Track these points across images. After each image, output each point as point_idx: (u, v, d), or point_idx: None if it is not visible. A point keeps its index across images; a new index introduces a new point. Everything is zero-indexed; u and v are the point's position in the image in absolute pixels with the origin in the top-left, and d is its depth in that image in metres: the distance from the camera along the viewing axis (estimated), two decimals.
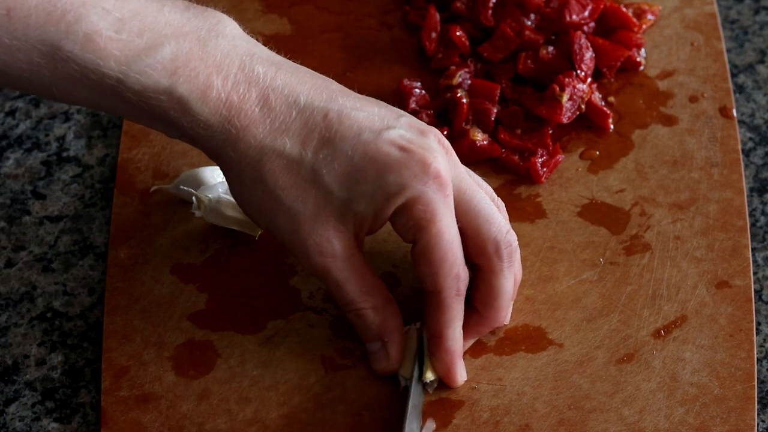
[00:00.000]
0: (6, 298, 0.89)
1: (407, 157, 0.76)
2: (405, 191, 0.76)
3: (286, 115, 0.76)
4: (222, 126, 0.76)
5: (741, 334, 0.83)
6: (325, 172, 0.76)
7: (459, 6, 0.99)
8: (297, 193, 0.76)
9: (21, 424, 0.83)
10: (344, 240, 0.77)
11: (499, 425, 0.80)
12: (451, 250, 0.77)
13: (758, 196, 0.92)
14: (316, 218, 0.76)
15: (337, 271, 0.77)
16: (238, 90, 0.76)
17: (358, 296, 0.79)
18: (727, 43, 1.00)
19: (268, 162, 0.76)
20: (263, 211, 0.78)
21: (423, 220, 0.76)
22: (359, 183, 0.76)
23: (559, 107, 0.93)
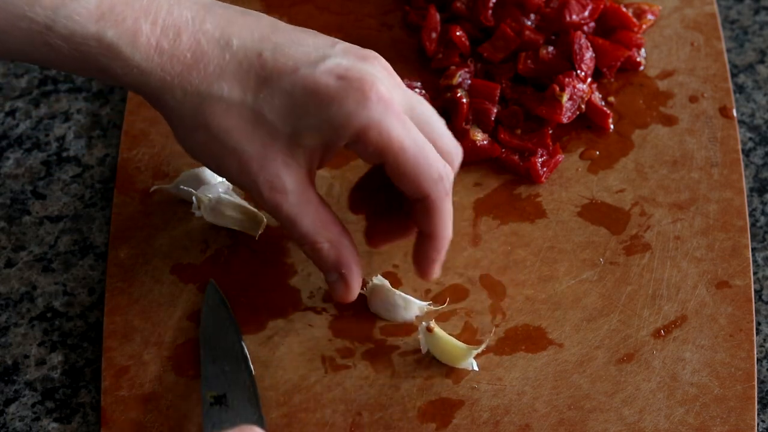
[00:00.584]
0: (6, 298, 0.89)
1: (346, 85, 0.75)
2: (352, 122, 0.75)
3: (219, 58, 0.76)
4: (156, 72, 0.75)
5: (741, 334, 0.83)
6: (267, 110, 0.75)
7: (459, 6, 0.99)
8: (241, 134, 0.76)
9: (21, 424, 0.83)
10: (295, 175, 0.76)
11: (499, 425, 0.80)
12: (423, 157, 0.76)
13: (758, 196, 0.92)
14: (264, 156, 0.76)
15: (290, 206, 0.77)
16: (167, 35, 0.75)
17: (312, 231, 0.78)
18: (727, 43, 1.00)
19: (208, 107, 0.76)
20: (209, 154, 0.77)
21: (380, 144, 0.75)
22: (303, 117, 0.75)
23: (559, 107, 0.93)
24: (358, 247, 0.87)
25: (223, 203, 0.87)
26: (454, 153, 0.80)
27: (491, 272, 0.87)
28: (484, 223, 0.89)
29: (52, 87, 0.99)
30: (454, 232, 0.89)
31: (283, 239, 0.89)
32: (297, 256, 0.88)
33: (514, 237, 0.89)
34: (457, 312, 0.85)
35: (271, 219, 0.89)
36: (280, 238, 0.89)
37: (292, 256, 0.88)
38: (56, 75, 1.00)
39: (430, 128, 0.78)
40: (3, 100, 0.99)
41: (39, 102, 0.99)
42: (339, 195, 0.91)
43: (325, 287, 0.86)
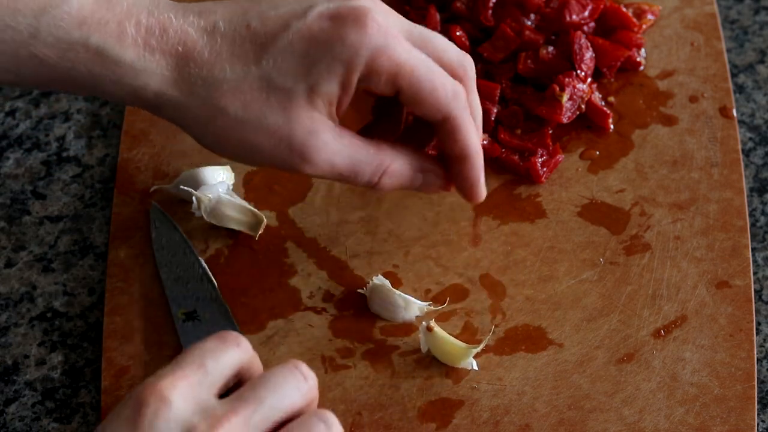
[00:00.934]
0: (6, 298, 0.89)
1: (341, 22, 0.75)
2: (359, 53, 0.74)
3: (211, 45, 0.75)
4: (151, 69, 0.74)
5: (741, 334, 0.83)
6: (275, 75, 0.75)
7: (459, 6, 0.99)
8: (260, 107, 0.75)
9: (21, 424, 0.83)
10: (326, 126, 0.76)
11: (499, 425, 0.80)
12: (435, 76, 0.77)
13: (758, 196, 0.92)
14: (291, 120, 0.75)
15: (343, 155, 0.76)
16: (153, 33, 0.75)
17: (377, 160, 0.78)
18: (727, 43, 1.00)
19: (216, 92, 0.75)
20: (236, 142, 0.76)
21: (392, 69, 0.75)
22: (312, 68, 0.75)
23: (559, 107, 0.93)
24: (359, 248, 0.87)
25: (223, 203, 0.87)
26: (463, 62, 0.80)
27: (491, 272, 0.87)
28: (484, 223, 0.89)
29: None
30: (455, 232, 0.89)
31: (283, 239, 0.89)
32: (297, 256, 0.88)
33: (514, 237, 0.89)
34: (457, 312, 0.85)
35: (271, 219, 0.89)
36: (280, 238, 0.89)
37: (292, 256, 0.88)
38: None
39: (432, 46, 0.78)
40: (3, 100, 0.99)
41: (39, 102, 0.99)
42: (339, 195, 0.91)
43: (325, 287, 0.86)
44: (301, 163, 0.76)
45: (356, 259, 0.88)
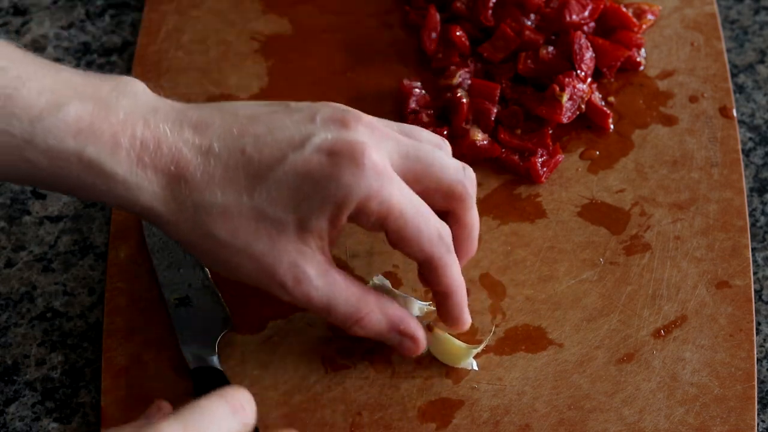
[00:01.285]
0: (6, 298, 0.89)
1: (338, 160, 0.74)
2: (351, 195, 0.74)
3: (204, 165, 0.74)
4: (143, 186, 0.74)
5: (741, 334, 0.83)
6: (267, 206, 0.74)
7: (459, 6, 0.99)
8: (248, 234, 0.75)
9: (21, 424, 0.83)
10: (313, 260, 0.75)
11: (499, 425, 0.80)
12: (422, 220, 0.76)
13: (758, 196, 0.92)
14: (277, 250, 0.75)
15: (320, 292, 0.76)
16: (147, 148, 0.74)
17: (353, 308, 0.77)
18: (727, 43, 1.00)
19: (206, 216, 0.75)
20: (221, 261, 0.76)
21: (381, 212, 0.75)
22: (304, 202, 0.74)
23: (559, 107, 0.93)
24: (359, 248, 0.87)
25: None
26: (463, 180, 0.79)
27: (491, 272, 0.87)
28: (484, 223, 0.89)
29: None
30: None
31: None
32: None
33: (514, 237, 0.89)
34: None
35: None
36: None
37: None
38: None
39: (428, 165, 0.78)
40: None
41: None
42: None
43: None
44: (279, 291, 0.76)
45: (356, 259, 0.88)
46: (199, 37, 1.01)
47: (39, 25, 1.03)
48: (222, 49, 1.00)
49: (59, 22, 1.04)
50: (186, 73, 0.98)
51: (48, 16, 1.04)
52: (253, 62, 0.99)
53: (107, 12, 1.04)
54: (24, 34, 1.03)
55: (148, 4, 1.03)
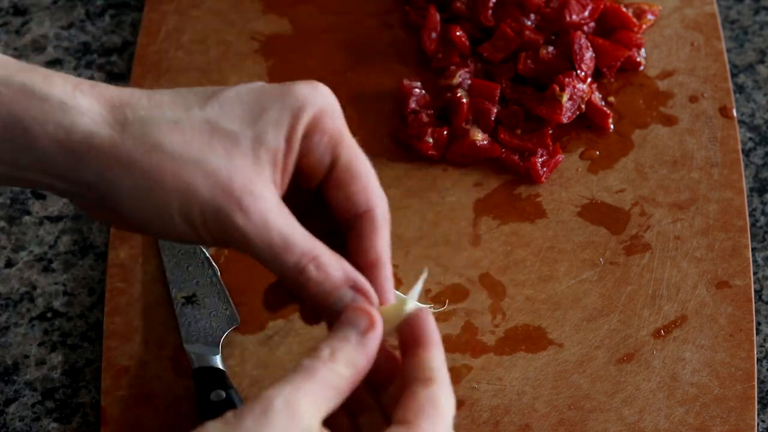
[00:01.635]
0: (6, 298, 0.89)
1: (295, 83, 0.70)
2: (308, 105, 0.69)
3: (149, 96, 0.69)
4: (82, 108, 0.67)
5: (741, 334, 0.83)
6: (220, 119, 0.68)
7: (459, 6, 0.99)
8: (202, 146, 0.67)
9: (21, 424, 0.83)
10: (268, 185, 0.68)
11: (499, 425, 0.80)
12: (371, 169, 0.71)
13: (758, 196, 0.92)
14: (233, 166, 0.67)
15: (278, 217, 0.67)
16: (85, 83, 0.69)
17: (309, 245, 0.68)
18: (727, 43, 1.00)
19: (154, 130, 0.67)
20: (171, 186, 0.67)
21: (335, 131, 0.70)
22: (261, 114, 0.69)
23: (559, 107, 0.93)
24: None
25: None
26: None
27: (491, 272, 0.87)
28: (484, 223, 0.89)
29: None
30: (455, 232, 0.89)
31: None
32: None
33: (514, 237, 0.89)
34: (457, 312, 0.85)
35: None
36: None
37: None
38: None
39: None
40: None
41: None
42: None
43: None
44: (236, 211, 0.67)
45: None
46: (199, 37, 1.01)
47: (39, 25, 1.03)
48: (222, 49, 1.00)
49: (59, 22, 1.04)
50: (186, 73, 0.98)
51: (48, 16, 1.04)
52: (253, 62, 0.99)
53: (107, 12, 1.04)
54: (24, 34, 1.03)
55: (148, 4, 1.03)
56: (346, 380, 0.65)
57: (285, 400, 0.62)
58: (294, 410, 0.62)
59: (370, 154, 0.93)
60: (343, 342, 0.66)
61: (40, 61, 1.01)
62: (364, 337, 0.66)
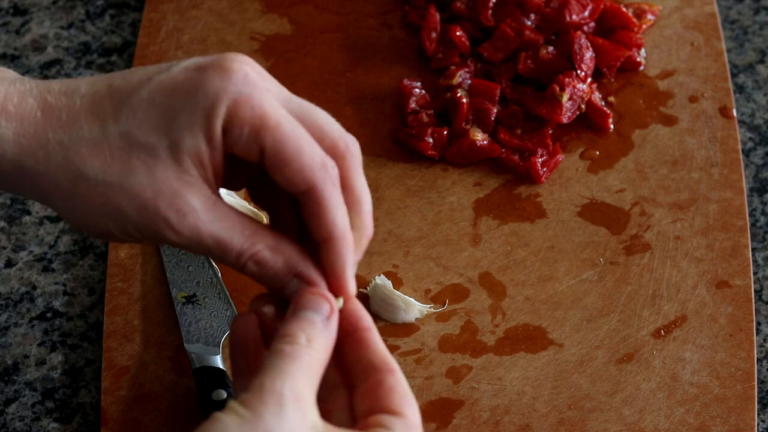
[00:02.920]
0: (6, 298, 0.89)
1: (206, 71, 0.68)
2: (220, 99, 0.67)
3: (69, 105, 0.68)
4: (8, 137, 0.68)
5: (741, 334, 0.83)
6: (134, 130, 0.67)
7: (459, 6, 0.99)
8: (122, 167, 0.67)
9: (21, 424, 0.83)
10: (198, 190, 0.67)
11: (499, 425, 0.80)
12: (303, 140, 0.68)
13: (758, 196, 0.92)
14: (156, 182, 0.67)
15: (209, 224, 0.67)
16: (12, 100, 0.68)
17: (246, 241, 0.68)
18: (727, 43, 1.00)
19: (74, 154, 0.67)
20: (100, 209, 0.68)
21: (255, 122, 0.67)
22: (173, 119, 0.67)
23: (559, 107, 0.93)
24: None
25: None
26: (346, 139, 0.70)
27: (491, 272, 0.87)
28: (484, 223, 0.89)
29: None
30: (455, 232, 0.89)
31: None
32: None
33: (514, 237, 0.89)
34: (457, 312, 0.85)
35: None
36: None
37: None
38: (56, 75, 1.00)
39: (311, 115, 0.70)
40: None
41: None
42: None
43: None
44: (165, 228, 0.67)
45: None
46: (199, 37, 1.01)
47: (39, 25, 1.03)
48: (222, 49, 1.00)
49: (59, 22, 1.04)
50: None
51: (48, 16, 1.04)
52: None
53: (107, 12, 1.04)
54: (24, 34, 1.03)
55: (148, 4, 1.03)
56: (322, 364, 0.66)
57: (292, 392, 0.63)
58: (301, 401, 0.63)
59: (370, 154, 0.93)
60: (313, 327, 0.66)
61: (40, 61, 1.01)
62: (329, 321, 0.67)
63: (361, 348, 0.68)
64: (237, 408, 0.62)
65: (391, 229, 0.89)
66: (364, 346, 0.69)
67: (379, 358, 0.68)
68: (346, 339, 0.69)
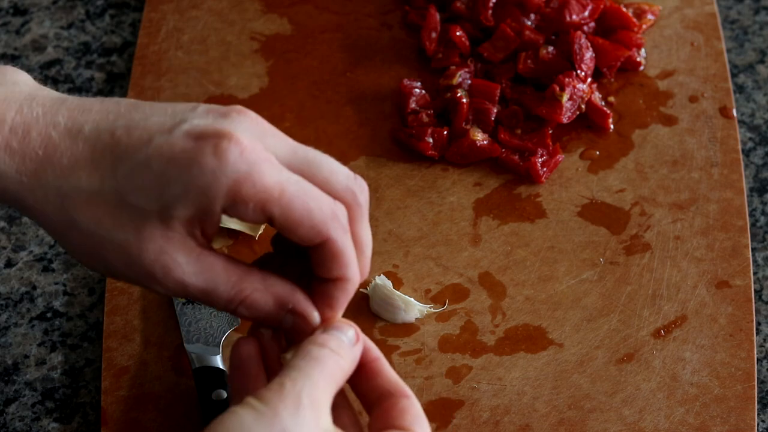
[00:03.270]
0: (6, 298, 0.89)
1: (203, 145, 0.68)
2: (219, 181, 0.67)
3: (72, 149, 0.70)
4: (11, 174, 0.69)
5: (741, 334, 0.83)
6: (129, 191, 0.69)
7: (459, 6, 0.99)
8: (111, 222, 0.69)
9: (21, 424, 0.83)
10: (182, 245, 0.69)
11: (499, 425, 0.80)
12: (309, 198, 0.69)
13: (758, 196, 0.92)
14: (141, 239, 0.68)
15: (193, 277, 0.69)
16: (17, 134, 0.69)
17: (234, 288, 0.70)
18: (727, 43, 1.00)
19: (70, 203, 0.69)
20: (90, 254, 0.70)
21: (258, 196, 0.68)
22: (167, 189, 0.68)
23: (559, 107, 0.93)
24: None
25: None
26: (352, 187, 0.71)
27: (491, 272, 0.87)
28: (484, 223, 0.89)
29: (53, 87, 0.99)
30: (455, 232, 0.89)
31: None
32: None
33: (514, 237, 0.89)
34: (457, 312, 0.85)
35: None
36: None
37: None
38: (56, 75, 1.00)
39: (317, 167, 0.71)
40: None
41: None
42: None
43: None
44: (151, 282, 0.69)
45: None
46: (199, 37, 1.01)
47: (39, 25, 1.03)
48: (222, 49, 1.00)
49: (59, 22, 1.04)
50: (186, 73, 0.98)
51: (48, 16, 1.04)
52: (253, 62, 0.99)
53: (107, 12, 1.04)
54: (24, 34, 1.03)
55: (148, 4, 1.03)
56: (344, 374, 0.69)
57: (310, 397, 0.65)
58: (317, 406, 0.65)
59: (370, 154, 0.93)
60: (341, 341, 0.70)
61: (40, 61, 1.01)
62: (355, 345, 0.70)
63: (374, 377, 0.71)
64: (254, 403, 0.64)
65: (391, 229, 0.89)
66: (377, 375, 0.71)
67: (393, 385, 0.71)
68: (359, 371, 0.71)
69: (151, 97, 0.97)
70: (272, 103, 0.96)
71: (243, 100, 0.96)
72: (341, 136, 0.94)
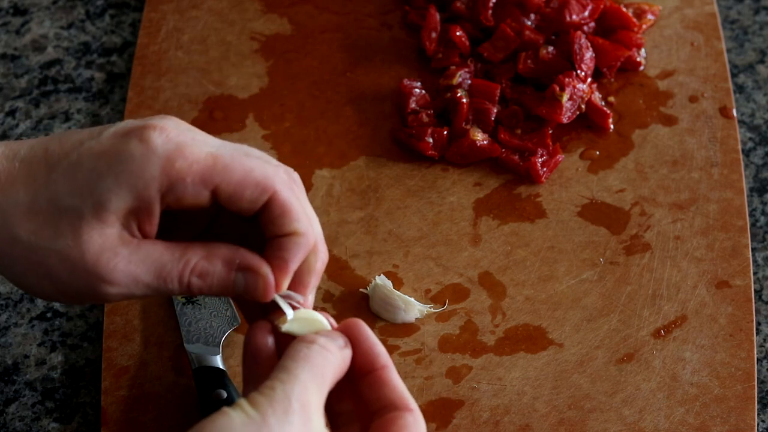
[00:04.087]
0: (6, 298, 0.89)
1: (130, 136, 0.69)
2: (150, 163, 0.68)
3: (9, 169, 0.70)
4: None
5: (741, 334, 0.83)
6: (60, 194, 0.69)
7: (459, 6, 0.99)
8: (50, 231, 0.69)
9: (21, 424, 0.83)
10: (121, 240, 0.69)
11: (499, 425, 0.80)
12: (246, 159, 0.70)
13: (758, 196, 0.92)
14: (81, 242, 0.69)
15: (141, 264, 0.69)
16: None
17: (179, 261, 0.70)
18: (727, 43, 1.00)
19: (10, 219, 0.69)
20: (34, 271, 0.70)
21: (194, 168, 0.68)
22: (99, 182, 0.69)
23: (559, 107, 0.93)
24: (359, 248, 0.87)
25: None
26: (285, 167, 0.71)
27: (491, 272, 0.87)
28: (484, 223, 0.89)
29: (52, 87, 0.99)
30: (455, 232, 0.89)
31: None
32: None
33: (514, 237, 0.89)
34: (457, 312, 0.85)
35: None
36: None
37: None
38: (56, 75, 1.00)
39: (246, 152, 0.71)
40: (3, 100, 0.99)
41: (39, 102, 0.99)
42: (339, 195, 0.91)
43: (325, 287, 0.86)
44: (101, 285, 0.69)
45: (356, 259, 0.88)
46: (199, 37, 1.01)
47: (39, 25, 1.03)
48: (222, 49, 1.00)
49: (59, 22, 1.04)
50: (186, 73, 0.98)
51: (48, 16, 1.04)
52: (253, 62, 0.99)
53: (107, 12, 1.04)
54: (24, 34, 1.03)
55: (148, 4, 1.03)
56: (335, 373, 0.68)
57: (300, 401, 0.65)
58: (307, 409, 0.65)
59: (370, 154, 0.93)
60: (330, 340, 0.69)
61: (40, 61, 1.01)
62: (345, 348, 0.70)
63: (379, 387, 0.70)
64: (245, 406, 0.64)
65: (391, 229, 0.89)
66: (383, 385, 0.70)
67: (398, 397, 0.70)
68: (365, 378, 0.70)
69: (151, 97, 0.97)
70: (272, 103, 0.96)
71: (243, 100, 0.96)
72: (341, 136, 0.94)
